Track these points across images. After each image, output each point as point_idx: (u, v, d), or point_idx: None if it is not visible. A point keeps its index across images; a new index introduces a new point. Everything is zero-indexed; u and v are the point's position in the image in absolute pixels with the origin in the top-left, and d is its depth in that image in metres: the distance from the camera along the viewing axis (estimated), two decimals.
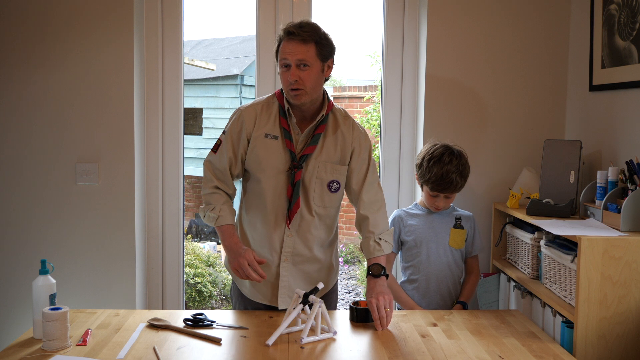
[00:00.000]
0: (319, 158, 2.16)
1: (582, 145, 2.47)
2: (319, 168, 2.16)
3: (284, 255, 2.18)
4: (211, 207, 2.16)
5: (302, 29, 2.05)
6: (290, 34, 2.06)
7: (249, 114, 2.16)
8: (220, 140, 2.20)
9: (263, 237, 2.19)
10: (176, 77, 2.92)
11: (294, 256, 2.19)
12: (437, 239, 2.50)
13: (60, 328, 1.83)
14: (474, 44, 2.83)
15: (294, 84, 2.05)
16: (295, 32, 2.04)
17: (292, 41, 2.05)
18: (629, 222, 2.07)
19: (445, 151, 2.43)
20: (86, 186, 2.80)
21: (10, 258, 2.81)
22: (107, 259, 2.82)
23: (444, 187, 2.41)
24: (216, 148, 2.20)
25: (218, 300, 5.47)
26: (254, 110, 2.17)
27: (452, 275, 2.50)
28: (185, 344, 1.89)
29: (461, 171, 2.41)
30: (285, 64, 2.07)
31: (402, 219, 2.55)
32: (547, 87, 2.86)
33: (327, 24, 2.17)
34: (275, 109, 2.17)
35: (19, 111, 2.77)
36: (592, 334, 1.97)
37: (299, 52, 2.04)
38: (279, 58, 2.10)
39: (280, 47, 2.09)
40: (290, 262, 2.19)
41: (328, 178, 2.18)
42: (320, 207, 2.19)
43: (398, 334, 2.01)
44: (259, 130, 2.15)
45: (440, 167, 2.39)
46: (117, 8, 2.74)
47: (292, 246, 2.18)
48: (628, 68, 2.34)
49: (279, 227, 2.17)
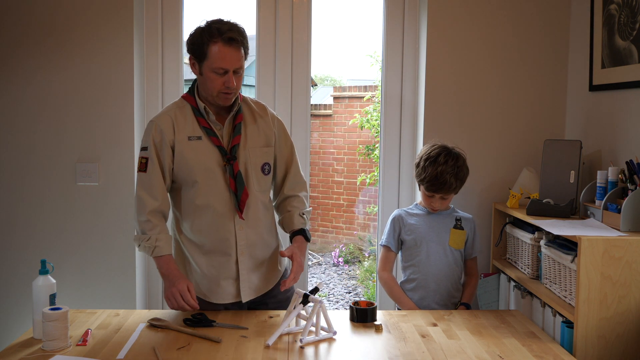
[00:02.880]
0: (246, 145, 2.16)
1: (582, 145, 2.47)
2: (249, 154, 2.16)
3: (240, 249, 2.16)
4: (146, 238, 2.07)
5: (240, 35, 2.04)
6: (231, 40, 2.01)
7: (165, 122, 2.10)
8: (145, 157, 2.10)
9: (214, 239, 2.15)
10: (176, 77, 2.92)
11: (249, 247, 2.18)
12: (437, 238, 2.50)
13: (60, 328, 1.83)
14: (474, 44, 2.83)
15: (229, 89, 2.05)
16: (236, 39, 2.01)
17: (231, 48, 2.02)
18: (629, 222, 2.07)
19: (442, 152, 2.43)
20: (86, 186, 2.80)
21: (10, 258, 2.81)
22: (107, 259, 2.82)
23: (437, 187, 2.41)
24: (144, 167, 2.10)
25: None
26: (169, 117, 2.11)
27: (451, 275, 2.50)
28: (185, 344, 1.89)
29: (456, 173, 2.41)
30: (224, 71, 2.04)
31: (403, 219, 2.55)
32: (547, 87, 2.86)
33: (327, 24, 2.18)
34: (189, 111, 2.14)
35: (19, 111, 2.77)
36: (592, 334, 1.97)
37: (237, 59, 2.04)
38: (214, 64, 2.02)
39: (213, 50, 2.02)
40: (247, 255, 2.18)
41: (260, 162, 2.19)
42: (259, 191, 2.20)
43: (398, 334, 2.01)
44: (180, 135, 2.10)
45: (435, 167, 2.39)
46: (117, 8, 2.74)
47: (245, 238, 2.17)
48: (628, 68, 2.34)
49: (229, 223, 2.15)
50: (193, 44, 2.07)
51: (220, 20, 2.06)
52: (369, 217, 6.71)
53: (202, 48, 2.04)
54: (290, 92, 2.95)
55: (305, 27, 2.92)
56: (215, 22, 2.04)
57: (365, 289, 5.86)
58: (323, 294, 5.69)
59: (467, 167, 2.47)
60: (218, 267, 2.16)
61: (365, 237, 6.81)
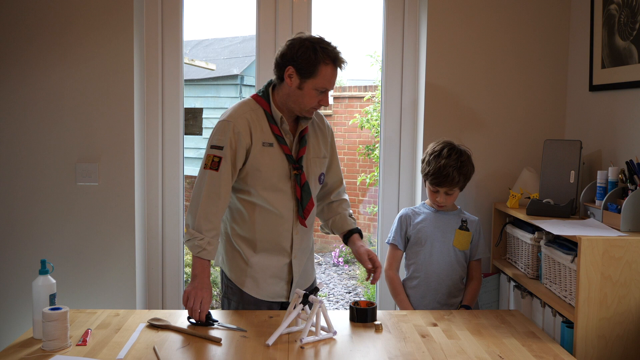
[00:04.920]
0: (309, 156, 2.24)
1: (582, 145, 2.47)
2: (310, 165, 2.24)
3: (294, 252, 2.25)
4: (200, 237, 2.07)
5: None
6: (339, 63, 2.10)
7: (242, 125, 2.11)
8: (218, 156, 2.10)
9: (270, 240, 2.21)
10: (176, 77, 2.92)
11: (300, 251, 2.27)
12: (442, 238, 2.51)
13: (60, 328, 1.83)
14: (474, 44, 2.83)
15: (321, 106, 2.14)
16: (342, 65, 2.12)
17: (336, 70, 2.12)
18: (629, 222, 2.07)
19: (446, 146, 2.48)
20: (86, 186, 2.80)
21: (10, 258, 2.81)
22: (107, 259, 2.82)
23: (440, 180, 2.44)
24: (217, 165, 2.10)
25: (218, 300, 5.47)
26: (245, 120, 2.12)
27: (452, 275, 2.50)
28: (185, 344, 1.89)
29: (459, 167, 2.44)
30: (325, 90, 2.11)
31: (409, 217, 2.57)
32: (547, 87, 2.86)
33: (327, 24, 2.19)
34: (262, 116, 2.16)
35: (19, 111, 2.77)
36: (592, 334, 1.97)
37: (336, 80, 2.14)
38: (319, 83, 2.09)
39: (323, 71, 2.08)
40: (298, 258, 2.27)
41: (318, 172, 2.28)
42: (315, 199, 2.30)
43: (398, 334, 2.01)
44: (256, 139, 2.13)
45: (439, 160, 2.44)
46: (117, 8, 2.74)
47: (299, 242, 2.26)
48: (628, 68, 2.34)
49: (288, 228, 2.22)
50: (300, 60, 2.08)
51: (325, 40, 2.11)
52: (369, 217, 6.71)
53: (313, 67, 2.08)
54: None
55: (305, 27, 2.91)
56: (323, 42, 2.11)
57: (365, 289, 5.86)
58: (323, 294, 5.69)
59: (472, 164, 2.49)
60: (270, 266, 2.23)
61: (365, 237, 6.81)
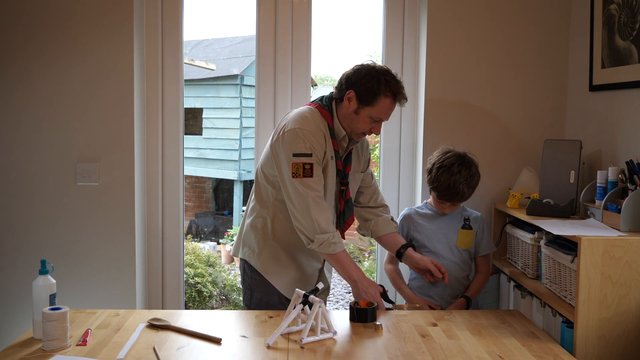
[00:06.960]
0: (352, 172, 2.34)
1: (582, 145, 2.47)
2: (351, 180, 2.35)
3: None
4: (332, 236, 2.16)
5: None
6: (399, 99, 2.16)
7: (321, 136, 2.17)
8: (309, 163, 2.13)
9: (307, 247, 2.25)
10: (176, 77, 2.92)
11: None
12: (445, 239, 2.51)
13: (60, 328, 1.83)
14: (474, 44, 2.83)
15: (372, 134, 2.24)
16: (402, 102, 2.19)
17: (394, 104, 2.18)
18: (629, 222, 2.07)
19: (456, 161, 2.41)
20: (86, 186, 2.80)
21: (10, 258, 2.82)
22: (107, 259, 2.82)
23: (450, 197, 2.42)
24: (310, 172, 2.13)
25: (218, 300, 5.47)
26: (321, 132, 2.18)
27: (458, 275, 2.50)
28: (185, 344, 1.89)
29: (469, 182, 2.40)
30: (379, 120, 2.18)
31: (412, 218, 2.57)
32: (547, 87, 2.86)
33: (327, 24, 2.20)
34: (327, 130, 2.21)
35: (19, 111, 2.77)
36: (592, 334, 1.97)
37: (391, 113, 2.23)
38: (375, 113, 2.15)
39: (382, 102, 2.14)
40: (329, 266, 2.42)
41: (356, 186, 2.42)
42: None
43: (398, 334, 2.01)
44: (328, 150, 2.21)
45: (449, 177, 2.39)
46: (117, 8, 2.74)
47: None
48: (628, 68, 2.34)
49: None
50: (363, 87, 2.14)
51: (391, 73, 2.18)
52: None
53: (374, 96, 2.13)
54: (290, 92, 2.95)
55: (305, 27, 2.92)
56: (389, 75, 2.16)
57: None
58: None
59: (478, 173, 2.46)
60: (302, 268, 2.34)
61: (365, 237, 6.80)
